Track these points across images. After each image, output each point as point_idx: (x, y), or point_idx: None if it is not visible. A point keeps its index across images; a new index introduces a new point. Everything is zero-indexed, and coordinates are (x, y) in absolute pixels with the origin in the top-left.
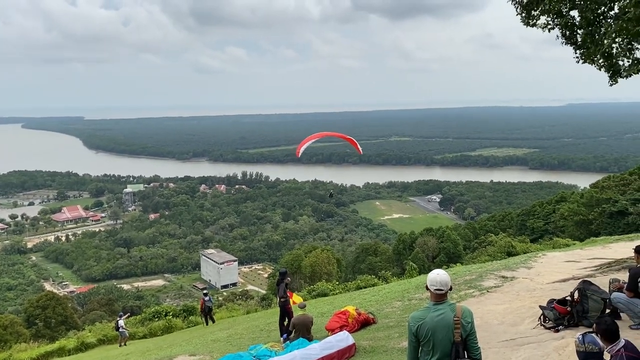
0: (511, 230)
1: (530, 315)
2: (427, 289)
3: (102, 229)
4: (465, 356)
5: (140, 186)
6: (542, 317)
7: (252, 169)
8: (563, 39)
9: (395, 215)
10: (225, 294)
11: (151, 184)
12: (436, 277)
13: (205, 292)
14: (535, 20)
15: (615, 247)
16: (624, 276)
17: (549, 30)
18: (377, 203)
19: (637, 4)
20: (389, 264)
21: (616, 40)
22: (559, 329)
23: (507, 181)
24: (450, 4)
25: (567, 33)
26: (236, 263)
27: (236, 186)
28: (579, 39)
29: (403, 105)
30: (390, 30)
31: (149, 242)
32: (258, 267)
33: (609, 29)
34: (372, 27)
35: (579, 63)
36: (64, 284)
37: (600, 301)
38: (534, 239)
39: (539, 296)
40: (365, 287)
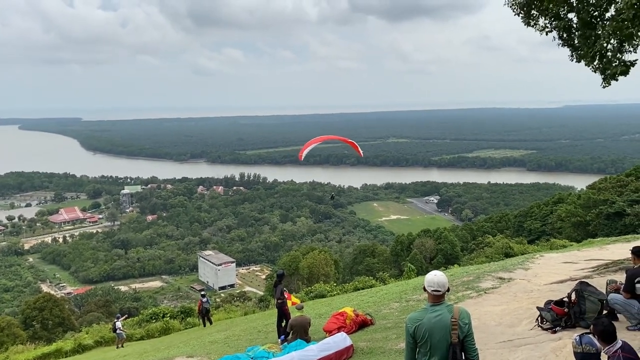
0: (508, 231)
1: (527, 317)
2: (425, 290)
3: (100, 231)
4: (463, 357)
5: (138, 187)
6: (540, 318)
7: (250, 170)
8: (560, 40)
9: (393, 217)
10: (223, 295)
11: (149, 185)
12: (433, 278)
13: (202, 294)
14: (535, 20)
15: (613, 249)
16: (621, 277)
17: (547, 34)
18: (375, 204)
19: (633, 6)
20: (386, 265)
21: (610, 41)
22: (557, 330)
23: (505, 182)
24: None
25: (565, 35)
26: (234, 264)
27: (234, 187)
28: (575, 41)
29: (401, 107)
30: (388, 32)
31: (146, 244)
32: (256, 269)
33: (604, 30)
34: (370, 29)
35: (573, 61)
36: (61, 285)
37: (598, 302)
38: (531, 240)
39: (536, 297)
40: (363, 289)
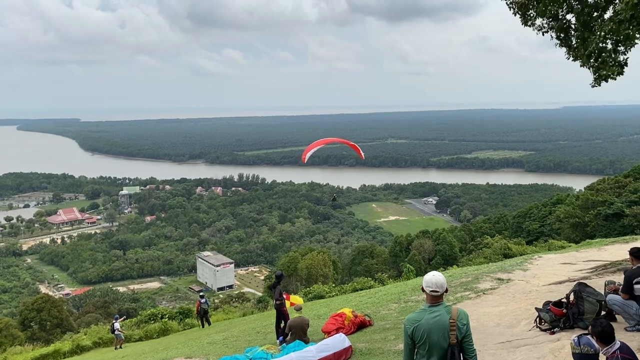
0: (507, 232)
1: (526, 317)
2: (423, 290)
3: (98, 231)
4: (461, 358)
5: (137, 188)
6: (538, 319)
7: (249, 171)
8: (557, 41)
9: (392, 218)
10: (221, 296)
11: (147, 186)
12: (431, 279)
13: (201, 295)
14: (532, 20)
15: (611, 250)
16: (619, 278)
17: (543, 34)
18: (374, 205)
19: (633, 7)
20: (385, 266)
21: (606, 41)
22: (555, 331)
23: (503, 183)
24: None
25: (562, 36)
26: (232, 265)
27: (232, 188)
28: (573, 42)
29: (400, 108)
30: (387, 33)
31: (144, 245)
32: (254, 270)
33: (600, 30)
34: (369, 30)
35: (569, 60)
36: (59, 286)
37: (596, 303)
38: (530, 241)
39: (534, 298)
40: (361, 290)
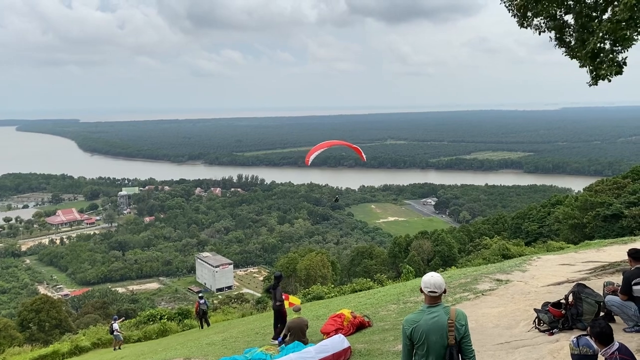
0: (506, 233)
1: (525, 318)
2: (422, 291)
3: (97, 232)
4: (460, 359)
5: (136, 189)
6: (537, 320)
7: (248, 172)
8: (556, 41)
9: (391, 219)
10: (220, 297)
11: (146, 187)
12: (430, 280)
13: (200, 295)
14: (530, 21)
15: (610, 251)
16: (618, 279)
17: (540, 34)
18: (373, 206)
19: (631, 8)
20: (384, 267)
21: (604, 41)
22: (554, 332)
23: (502, 184)
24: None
25: (560, 36)
26: (231, 266)
27: (232, 189)
28: (571, 42)
29: (399, 109)
30: (386, 34)
31: (144, 245)
32: (253, 270)
33: (598, 30)
34: (368, 31)
35: (567, 57)
36: (58, 287)
37: (595, 304)
38: (529, 242)
39: (533, 299)
40: (360, 290)
